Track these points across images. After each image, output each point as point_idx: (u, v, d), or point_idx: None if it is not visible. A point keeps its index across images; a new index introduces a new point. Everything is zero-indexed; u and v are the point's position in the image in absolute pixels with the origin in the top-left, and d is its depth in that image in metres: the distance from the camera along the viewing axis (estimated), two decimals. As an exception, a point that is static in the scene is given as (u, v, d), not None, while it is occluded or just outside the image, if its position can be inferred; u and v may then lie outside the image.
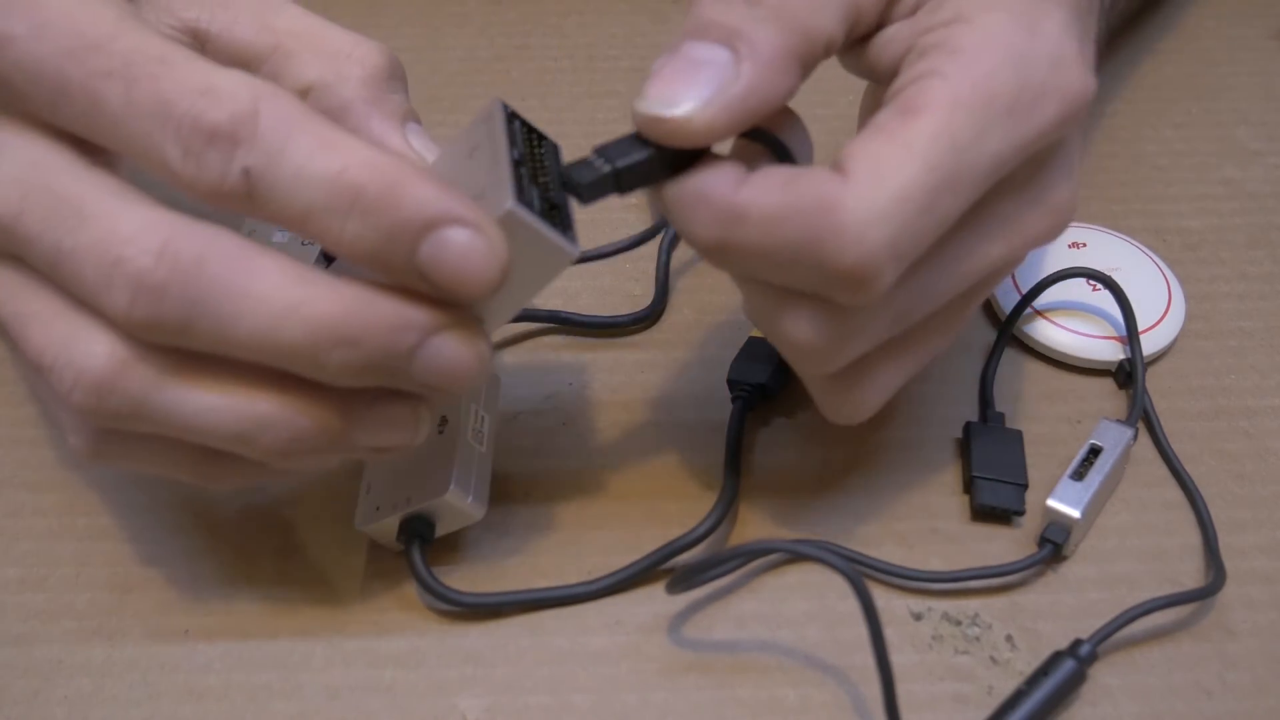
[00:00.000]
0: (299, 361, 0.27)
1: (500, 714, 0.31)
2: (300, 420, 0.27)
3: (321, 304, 0.26)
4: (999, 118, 0.27)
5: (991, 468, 0.36)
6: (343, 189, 0.26)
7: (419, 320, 0.27)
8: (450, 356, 0.27)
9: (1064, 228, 0.31)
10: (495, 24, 0.54)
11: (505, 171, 0.28)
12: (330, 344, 0.26)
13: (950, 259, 0.30)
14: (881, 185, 0.27)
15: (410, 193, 0.26)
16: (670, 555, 0.34)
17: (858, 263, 0.27)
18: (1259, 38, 0.53)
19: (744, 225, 0.27)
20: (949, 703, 0.32)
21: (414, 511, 0.33)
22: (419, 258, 0.26)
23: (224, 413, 0.27)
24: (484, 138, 0.29)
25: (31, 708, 0.31)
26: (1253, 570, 0.35)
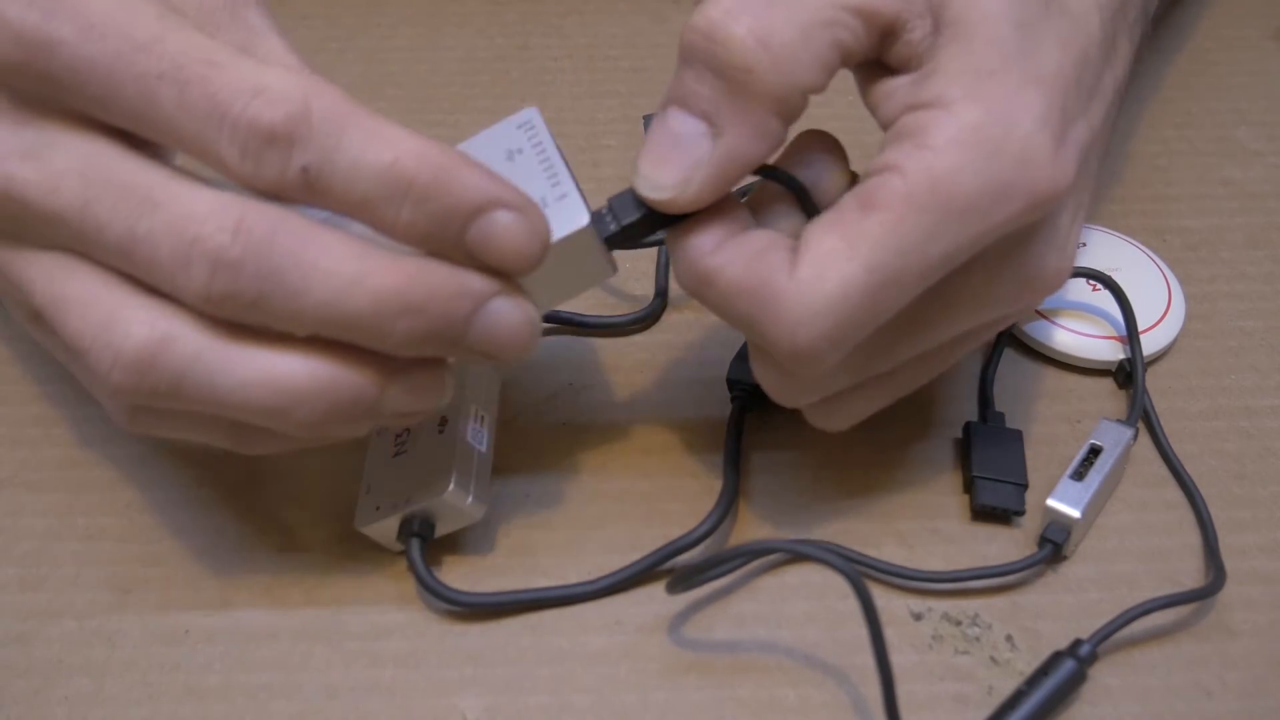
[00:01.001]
0: (365, 330, 0.28)
1: (500, 714, 0.31)
2: (334, 393, 0.28)
3: (386, 275, 0.27)
4: (953, 219, 0.28)
5: (991, 468, 0.36)
6: (396, 178, 0.27)
7: (477, 287, 0.28)
8: (507, 322, 0.29)
9: (1045, 297, 0.32)
10: (495, 24, 0.54)
11: (570, 185, 0.31)
12: (396, 312, 0.27)
13: (914, 328, 0.31)
14: (821, 284, 0.28)
15: (459, 179, 0.27)
16: (670, 555, 0.34)
17: (793, 351, 0.29)
18: (1259, 38, 0.53)
19: (709, 288, 0.30)
20: (949, 703, 0.32)
21: (414, 511, 0.33)
22: (468, 238, 0.28)
23: (260, 388, 0.28)
24: (525, 144, 0.32)
25: (31, 708, 0.31)
26: (1253, 570, 0.35)
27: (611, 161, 0.47)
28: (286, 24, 0.55)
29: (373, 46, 0.53)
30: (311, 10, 0.55)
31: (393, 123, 0.28)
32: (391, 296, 0.27)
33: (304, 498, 0.36)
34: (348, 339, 0.28)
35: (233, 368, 0.28)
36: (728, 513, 0.35)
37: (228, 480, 0.36)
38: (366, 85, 0.50)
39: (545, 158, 0.31)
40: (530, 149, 0.31)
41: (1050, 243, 0.31)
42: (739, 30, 0.28)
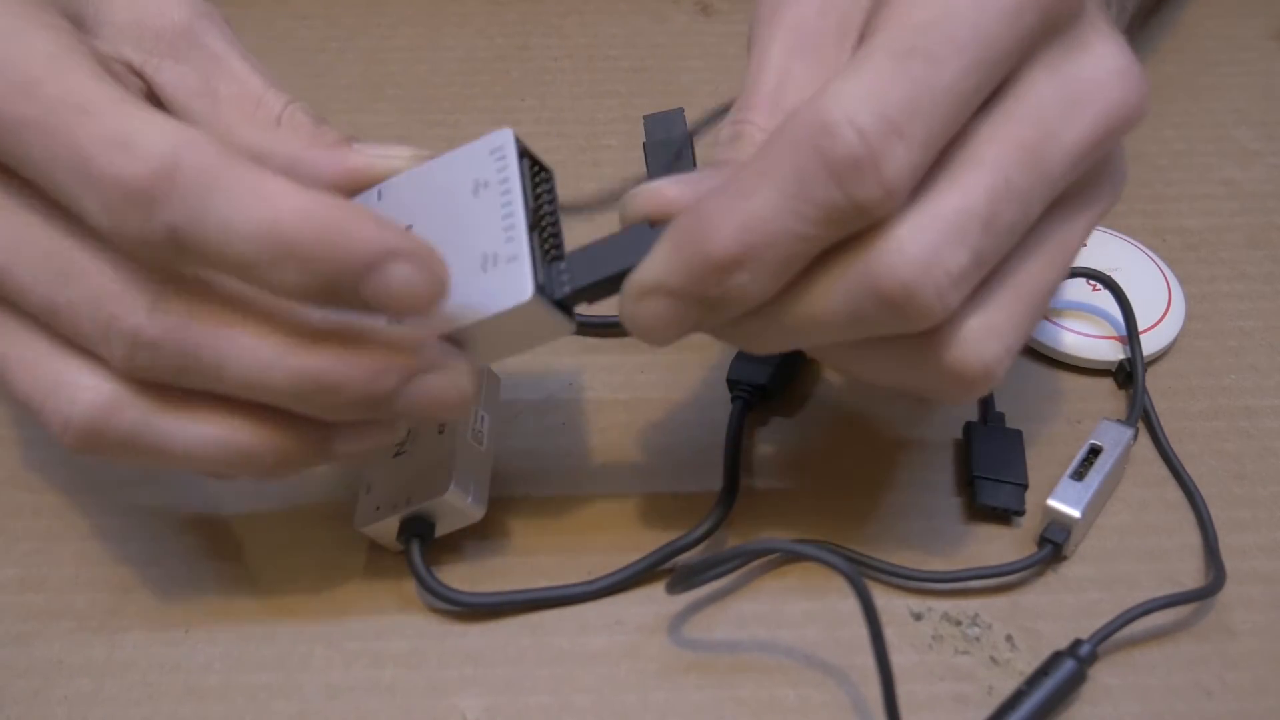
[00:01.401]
0: (287, 402, 0.28)
1: (500, 714, 0.31)
2: (285, 445, 0.29)
3: (302, 357, 0.27)
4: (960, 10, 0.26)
5: (991, 468, 0.36)
6: (275, 241, 0.25)
7: (399, 366, 0.28)
8: (433, 395, 0.28)
9: (1139, 99, 0.29)
10: (495, 24, 0.54)
11: (522, 245, 0.28)
12: (313, 391, 0.27)
13: (1007, 149, 0.27)
14: (854, 78, 0.26)
15: (347, 235, 0.26)
16: (670, 555, 0.34)
17: (856, 144, 0.25)
18: (1259, 38, 0.53)
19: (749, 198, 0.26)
20: (949, 703, 0.32)
21: (414, 511, 0.33)
22: (363, 295, 0.26)
23: (211, 447, 0.28)
24: (493, 176, 0.30)
25: (31, 708, 0.31)
26: (1253, 570, 0.35)
27: (611, 161, 0.47)
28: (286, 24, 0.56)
29: (373, 46, 0.53)
30: (311, 10, 0.55)
31: (275, 177, 0.26)
32: (309, 378, 0.27)
33: (304, 498, 0.36)
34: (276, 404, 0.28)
35: (180, 430, 0.28)
36: (728, 513, 0.35)
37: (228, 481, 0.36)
38: (366, 85, 0.50)
39: (508, 200, 0.29)
40: (496, 184, 0.29)
41: (1097, 36, 0.29)
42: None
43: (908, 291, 0.26)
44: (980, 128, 0.28)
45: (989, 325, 0.28)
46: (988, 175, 0.27)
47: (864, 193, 0.26)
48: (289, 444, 0.29)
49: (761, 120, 0.29)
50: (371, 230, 0.26)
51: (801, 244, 0.27)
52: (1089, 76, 0.29)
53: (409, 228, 0.30)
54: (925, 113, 0.26)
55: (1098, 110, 0.29)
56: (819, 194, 0.26)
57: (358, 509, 0.34)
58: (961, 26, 0.26)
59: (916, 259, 0.26)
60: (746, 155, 0.28)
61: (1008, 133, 0.28)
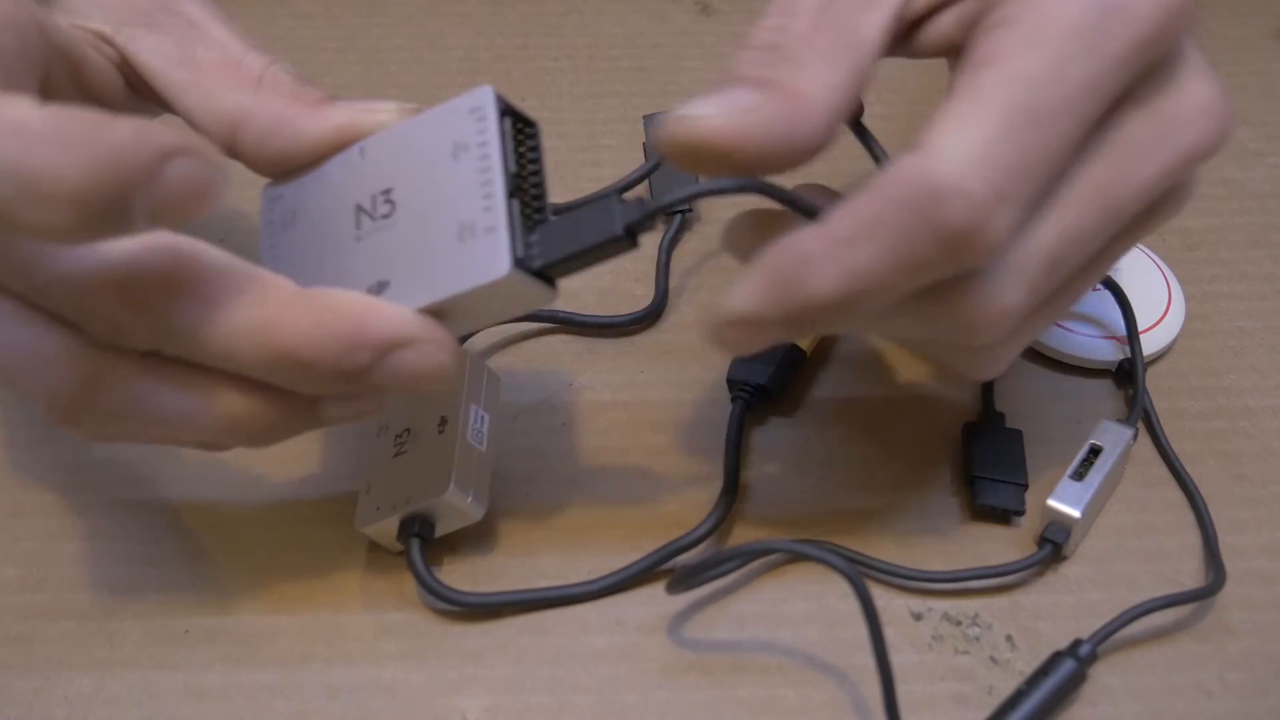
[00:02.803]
0: (263, 376, 0.28)
1: (500, 714, 0.31)
2: (272, 413, 0.29)
3: (276, 330, 0.27)
4: (1079, 42, 0.26)
5: (991, 468, 0.36)
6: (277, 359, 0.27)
7: (375, 340, 0.27)
8: (411, 369, 0.28)
9: (1222, 131, 0.29)
10: (495, 24, 0.54)
11: (500, 215, 0.28)
12: (286, 367, 0.27)
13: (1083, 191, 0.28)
14: (963, 136, 0.26)
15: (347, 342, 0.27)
16: (670, 555, 0.34)
17: (966, 214, 0.25)
18: (1259, 38, 0.53)
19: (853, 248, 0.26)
20: (949, 703, 0.32)
21: (414, 511, 0.33)
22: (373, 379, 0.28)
23: (199, 415, 0.28)
24: (473, 138, 0.29)
25: (31, 708, 0.31)
26: (1253, 570, 0.35)
27: (612, 161, 0.47)
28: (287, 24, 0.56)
29: (373, 46, 0.53)
30: (311, 10, 0.55)
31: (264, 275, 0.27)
32: (282, 353, 0.27)
33: (304, 497, 0.36)
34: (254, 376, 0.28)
35: (168, 398, 0.28)
36: (728, 513, 0.35)
37: (228, 480, 0.36)
38: (366, 85, 0.50)
39: (486, 166, 0.29)
40: (476, 148, 0.29)
41: (1192, 69, 0.29)
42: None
43: (974, 331, 0.28)
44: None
45: (1020, 339, 0.31)
46: (1061, 220, 0.28)
47: (968, 258, 0.26)
48: (277, 412, 0.29)
49: (803, 29, 0.28)
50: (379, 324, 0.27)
51: (899, 296, 0.27)
52: (1176, 113, 0.29)
53: (390, 190, 0.30)
54: (1035, 175, 0.26)
55: (1178, 148, 0.29)
56: (922, 255, 0.26)
57: (358, 509, 0.34)
58: (1076, 82, 0.26)
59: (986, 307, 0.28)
60: (786, 76, 0.27)
61: (1089, 173, 0.28)
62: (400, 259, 0.29)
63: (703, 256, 0.43)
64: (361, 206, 0.30)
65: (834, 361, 0.40)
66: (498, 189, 0.28)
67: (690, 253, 0.43)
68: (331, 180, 0.31)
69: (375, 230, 0.30)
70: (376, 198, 0.30)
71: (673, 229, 0.43)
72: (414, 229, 0.29)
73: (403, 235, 0.29)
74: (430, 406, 0.35)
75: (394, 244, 0.29)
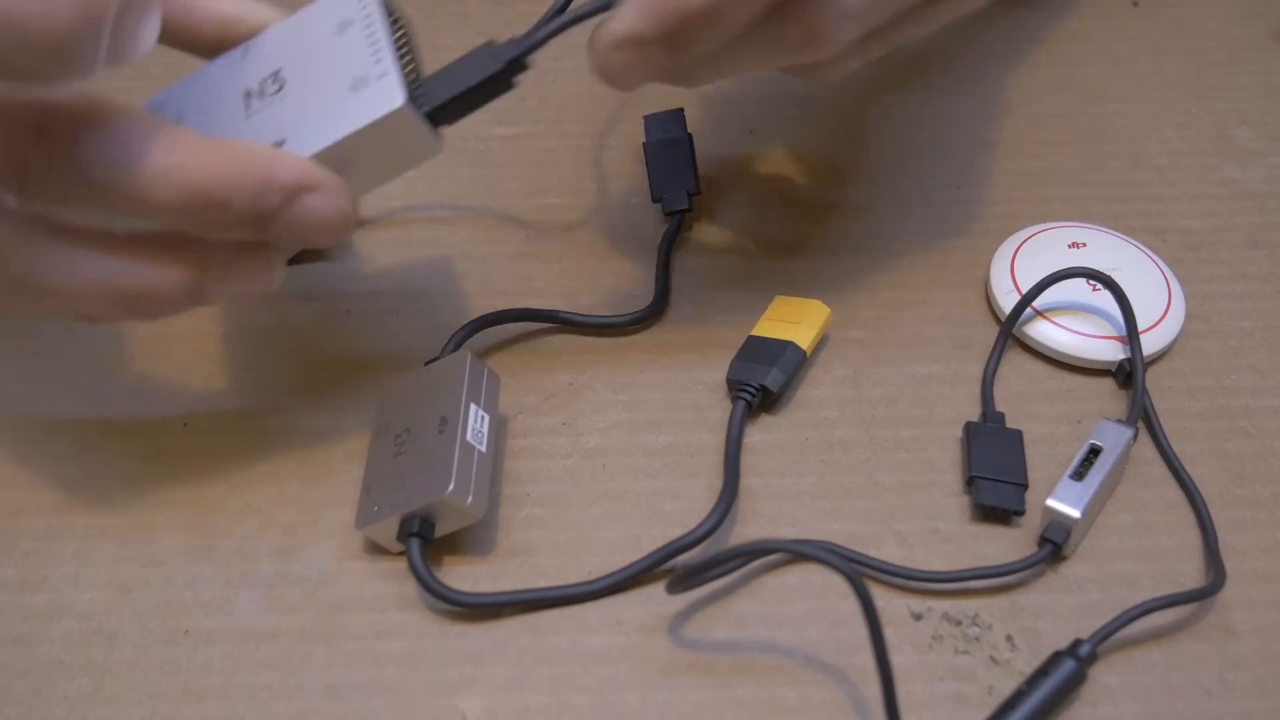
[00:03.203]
0: (174, 219, 0.29)
1: (500, 714, 0.32)
2: (163, 280, 0.30)
3: (192, 171, 0.28)
4: None
5: (991, 468, 0.36)
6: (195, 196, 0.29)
7: (284, 182, 0.29)
8: (317, 214, 0.30)
9: None
10: (495, 24, 0.54)
11: (390, 64, 0.31)
12: (201, 205, 0.29)
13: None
14: None
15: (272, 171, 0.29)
16: (670, 555, 0.34)
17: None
18: (1259, 38, 0.53)
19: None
20: (949, 703, 0.32)
21: (414, 511, 0.33)
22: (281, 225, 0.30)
23: (92, 284, 0.29)
24: (356, 14, 0.32)
25: (31, 708, 0.31)
26: (1253, 570, 0.35)
27: (613, 161, 0.47)
28: (286, 24, 0.55)
29: (373, 46, 0.53)
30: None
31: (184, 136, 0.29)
32: (199, 193, 0.28)
33: (304, 498, 0.36)
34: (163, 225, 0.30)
35: (65, 267, 0.29)
36: (728, 513, 0.35)
37: (228, 480, 0.36)
38: (366, 85, 0.50)
39: (372, 30, 0.32)
40: (360, 20, 0.32)
41: None
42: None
43: (822, 40, 0.32)
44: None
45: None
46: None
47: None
48: (167, 280, 0.30)
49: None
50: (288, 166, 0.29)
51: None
52: None
53: (278, 71, 0.33)
54: None
55: None
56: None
57: (358, 509, 0.34)
58: None
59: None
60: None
61: None
62: (294, 120, 0.32)
63: (703, 256, 0.43)
64: (250, 91, 0.33)
65: (834, 361, 0.40)
66: (385, 45, 0.31)
67: (690, 253, 0.43)
68: (216, 77, 0.32)
69: (266, 106, 0.32)
70: (265, 80, 0.33)
71: (673, 229, 0.43)
72: (305, 94, 0.32)
73: (294, 102, 0.32)
74: (430, 406, 0.35)
75: (286, 111, 0.32)
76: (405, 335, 0.41)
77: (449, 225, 0.39)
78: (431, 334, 0.40)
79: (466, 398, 0.34)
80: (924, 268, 0.43)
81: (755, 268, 0.43)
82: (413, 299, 0.42)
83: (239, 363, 0.36)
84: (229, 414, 0.38)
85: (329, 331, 0.41)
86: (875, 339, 0.41)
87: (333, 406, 0.38)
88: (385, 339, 0.41)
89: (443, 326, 0.40)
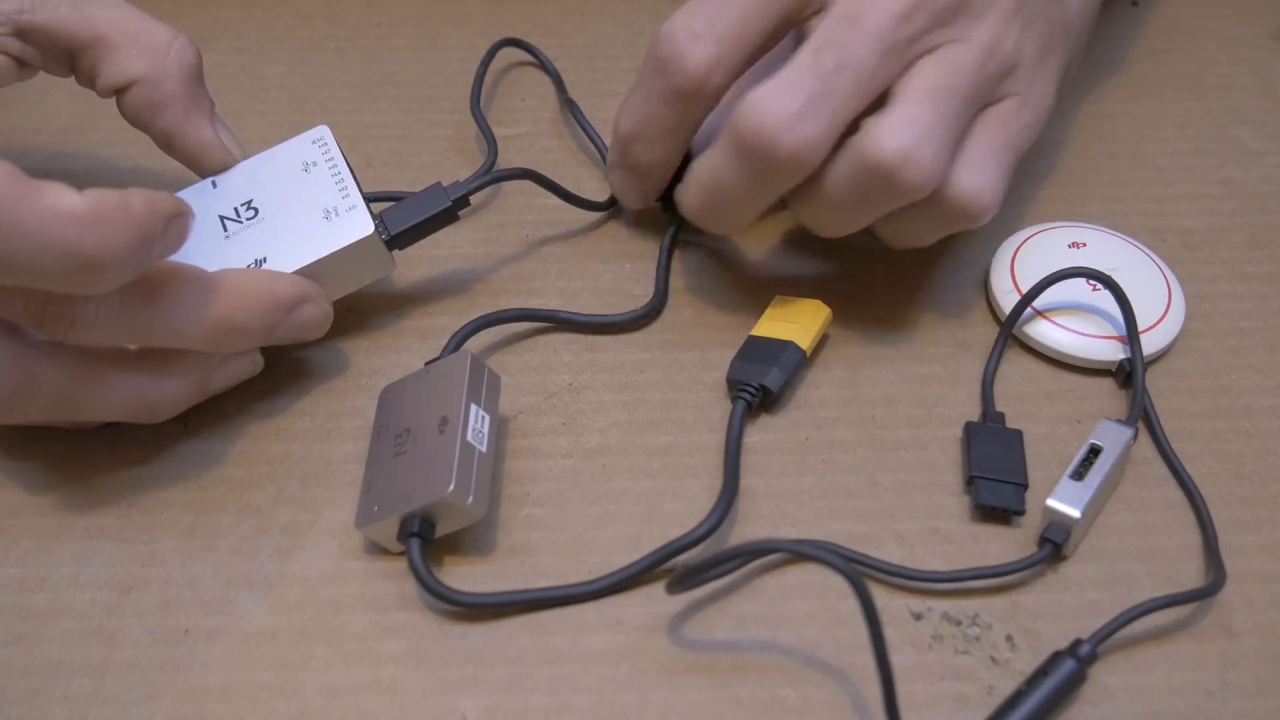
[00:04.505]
0: (203, 346, 0.34)
1: (500, 714, 0.32)
2: (178, 389, 0.34)
3: (217, 308, 0.33)
4: None
5: (991, 468, 0.36)
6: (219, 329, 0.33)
7: (285, 299, 0.35)
8: (311, 319, 0.36)
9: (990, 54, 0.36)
10: (495, 24, 0.54)
11: (357, 198, 0.38)
12: (225, 334, 0.34)
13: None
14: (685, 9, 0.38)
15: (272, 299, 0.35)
16: (670, 555, 0.34)
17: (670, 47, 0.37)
18: (1259, 38, 0.53)
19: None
20: (949, 703, 0.32)
21: (414, 511, 0.33)
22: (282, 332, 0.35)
23: (125, 402, 0.34)
24: (320, 158, 0.38)
25: (31, 708, 0.31)
26: (1253, 570, 0.35)
27: (611, 161, 0.47)
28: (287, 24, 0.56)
29: (373, 46, 0.53)
30: (311, 10, 0.55)
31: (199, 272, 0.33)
32: (222, 324, 0.33)
33: (304, 498, 0.36)
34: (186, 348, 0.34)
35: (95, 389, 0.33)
36: (728, 512, 0.35)
37: (228, 480, 0.37)
38: (366, 85, 0.51)
39: (337, 170, 0.38)
40: (324, 162, 0.38)
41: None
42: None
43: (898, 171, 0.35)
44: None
45: (973, 165, 0.36)
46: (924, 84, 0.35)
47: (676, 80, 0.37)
48: (180, 387, 0.34)
49: None
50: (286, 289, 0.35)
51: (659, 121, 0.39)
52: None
53: (250, 200, 0.38)
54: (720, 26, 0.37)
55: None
56: (655, 85, 0.38)
57: (358, 509, 0.34)
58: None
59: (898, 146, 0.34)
60: None
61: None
62: (272, 241, 0.37)
63: (703, 256, 0.43)
64: (225, 217, 0.38)
65: (834, 361, 0.40)
66: (350, 183, 0.38)
67: (690, 252, 0.43)
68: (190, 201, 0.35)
69: (243, 229, 0.37)
70: (239, 208, 0.38)
71: (673, 229, 0.43)
72: (281, 220, 0.37)
73: (271, 226, 0.37)
74: (431, 406, 0.35)
75: (264, 233, 0.37)
76: (405, 335, 0.41)
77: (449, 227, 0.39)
78: (432, 334, 0.40)
79: (467, 398, 0.34)
80: (924, 268, 0.43)
81: (755, 267, 0.43)
82: (413, 299, 0.42)
83: (239, 363, 0.36)
84: (229, 414, 0.38)
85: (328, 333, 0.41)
86: (875, 339, 0.41)
87: (332, 407, 0.38)
88: (385, 339, 0.41)
89: (443, 327, 0.40)
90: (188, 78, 0.37)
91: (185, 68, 0.37)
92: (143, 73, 0.37)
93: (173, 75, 0.37)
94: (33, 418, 0.33)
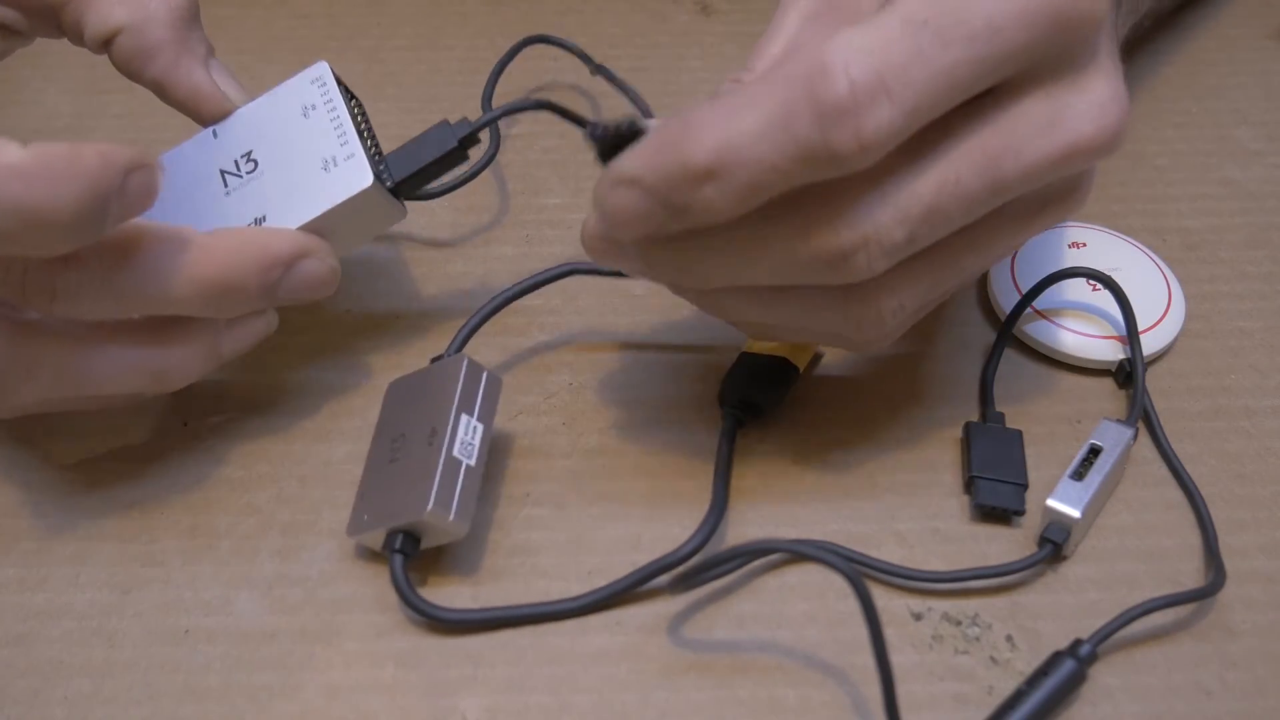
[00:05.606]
0: (197, 310, 0.32)
1: (500, 714, 0.31)
2: (186, 355, 0.33)
3: (207, 268, 0.31)
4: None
5: (991, 468, 0.36)
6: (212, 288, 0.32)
7: (282, 254, 0.33)
8: (313, 275, 0.34)
9: (1115, 131, 0.30)
10: (495, 24, 0.54)
11: (356, 145, 0.35)
12: (219, 294, 0.32)
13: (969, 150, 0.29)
14: (864, 31, 0.27)
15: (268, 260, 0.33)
16: (656, 573, 0.33)
17: (845, 93, 0.26)
18: (1259, 38, 0.53)
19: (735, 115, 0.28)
20: (949, 703, 0.32)
21: (398, 526, 0.33)
22: (284, 291, 0.34)
23: (127, 371, 0.32)
24: (319, 100, 0.36)
25: (31, 708, 0.31)
26: (1253, 570, 0.35)
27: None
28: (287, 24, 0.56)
29: (373, 46, 0.53)
30: (311, 10, 0.55)
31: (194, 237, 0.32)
32: (217, 286, 0.32)
33: (304, 497, 0.36)
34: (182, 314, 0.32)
35: (101, 360, 0.32)
36: (714, 531, 0.34)
37: (227, 480, 0.36)
38: (366, 85, 0.50)
39: (336, 115, 0.35)
40: (323, 105, 0.36)
41: (1097, 65, 0.30)
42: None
43: (844, 256, 0.29)
44: (957, 122, 0.29)
45: (901, 298, 0.31)
46: (943, 170, 0.29)
47: (840, 141, 0.27)
48: (190, 353, 0.33)
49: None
50: (285, 243, 0.33)
51: (771, 174, 0.28)
52: (1073, 102, 0.30)
53: (249, 152, 0.36)
54: (918, 85, 0.27)
55: (1068, 137, 0.30)
56: (799, 130, 0.27)
57: (350, 516, 0.34)
58: (978, 16, 0.27)
59: (859, 231, 0.29)
60: None
61: (978, 137, 0.29)
62: (272, 197, 0.35)
63: (703, 256, 0.43)
64: (225, 170, 0.36)
65: (834, 361, 0.40)
66: (349, 129, 0.35)
67: (690, 253, 0.43)
68: (191, 155, 0.35)
69: (242, 184, 0.36)
70: (239, 160, 0.36)
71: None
72: (279, 173, 0.35)
73: (270, 181, 0.35)
74: (424, 413, 0.34)
75: (263, 189, 0.35)
76: (405, 335, 0.41)
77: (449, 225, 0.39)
78: (432, 334, 0.40)
79: (458, 408, 0.34)
80: (924, 268, 0.43)
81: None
82: (412, 299, 0.42)
83: (238, 362, 0.36)
84: (229, 414, 0.38)
85: (328, 331, 0.41)
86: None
87: (333, 407, 0.38)
88: (385, 338, 0.41)
89: (443, 327, 0.40)
90: (176, 21, 0.35)
91: (173, 11, 0.35)
92: (126, 19, 0.35)
93: (159, 20, 0.35)
94: (36, 399, 0.32)
